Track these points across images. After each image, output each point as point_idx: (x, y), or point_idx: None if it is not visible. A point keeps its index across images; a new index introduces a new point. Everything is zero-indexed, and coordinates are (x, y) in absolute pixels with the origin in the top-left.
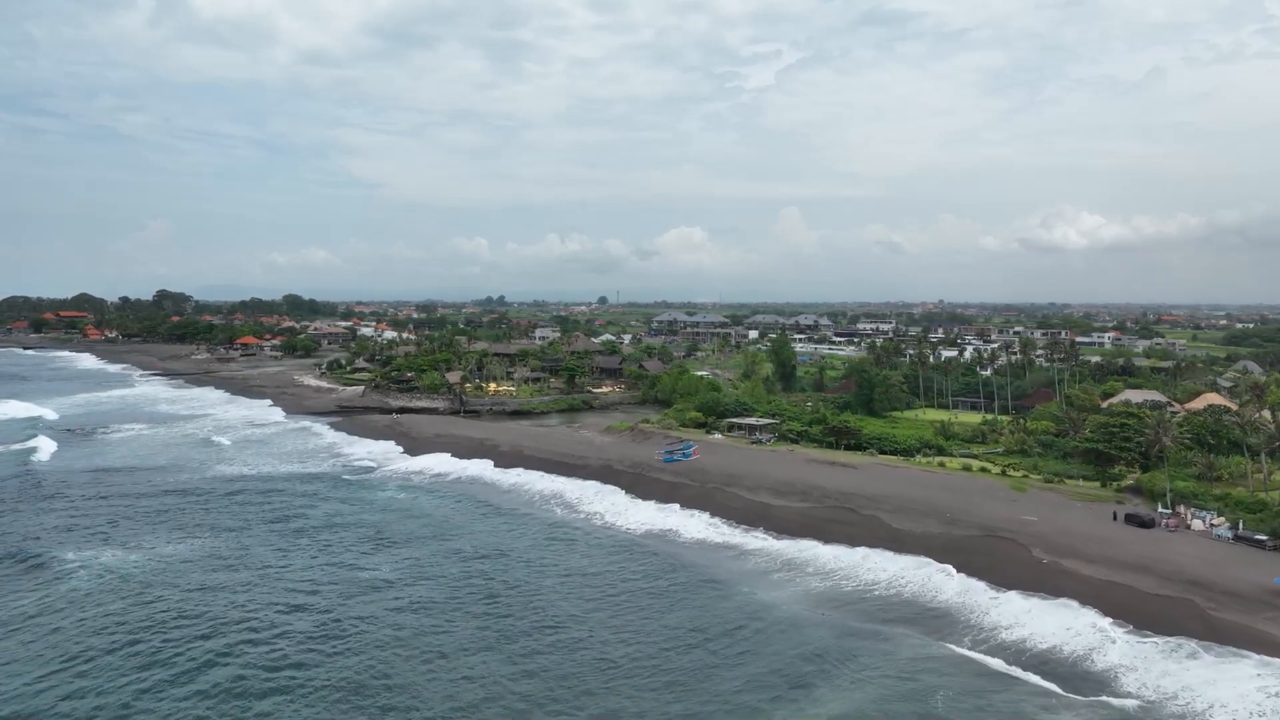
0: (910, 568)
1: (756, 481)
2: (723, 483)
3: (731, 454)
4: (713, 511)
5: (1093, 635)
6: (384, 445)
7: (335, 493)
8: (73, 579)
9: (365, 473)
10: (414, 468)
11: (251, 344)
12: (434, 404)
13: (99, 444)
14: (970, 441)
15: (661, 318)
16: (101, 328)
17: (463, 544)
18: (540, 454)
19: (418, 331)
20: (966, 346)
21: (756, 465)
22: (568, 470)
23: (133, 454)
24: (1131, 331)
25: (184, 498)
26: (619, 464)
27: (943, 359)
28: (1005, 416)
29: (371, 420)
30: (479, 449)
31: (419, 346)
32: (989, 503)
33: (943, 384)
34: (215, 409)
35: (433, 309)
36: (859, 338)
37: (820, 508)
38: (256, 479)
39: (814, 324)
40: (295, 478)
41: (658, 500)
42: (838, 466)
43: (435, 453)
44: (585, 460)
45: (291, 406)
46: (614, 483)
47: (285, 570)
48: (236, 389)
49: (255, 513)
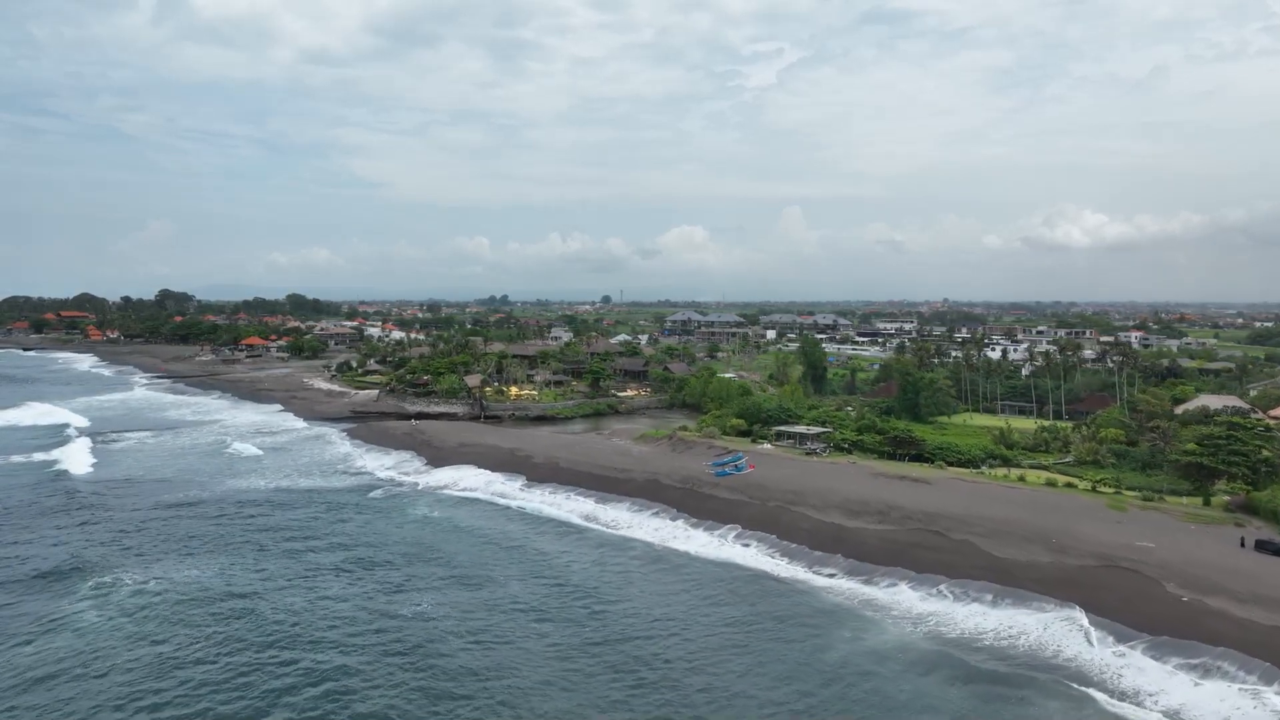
0: (1026, 607)
1: (823, 499)
2: (786, 500)
3: (787, 466)
4: (780, 534)
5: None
6: (406, 456)
7: (361, 512)
8: (70, 626)
9: (391, 489)
10: (441, 482)
11: (257, 345)
12: (453, 409)
13: (98, 454)
14: (1033, 450)
15: (675, 317)
16: (103, 328)
17: (509, 575)
18: (577, 467)
19: (425, 331)
20: (994, 346)
21: (818, 479)
22: (610, 486)
23: (137, 465)
24: (1154, 330)
25: (194, 517)
26: (666, 478)
27: (984, 360)
28: (1064, 422)
29: (389, 427)
30: (509, 461)
31: (433, 348)
32: (1089, 524)
33: (985, 387)
34: (223, 414)
35: (438, 308)
36: (882, 337)
37: (902, 530)
38: (273, 495)
39: (833, 323)
40: (316, 494)
41: (715, 521)
42: (908, 481)
43: (462, 465)
44: (628, 474)
45: (303, 411)
46: (663, 501)
47: (316, 609)
48: (244, 392)
49: (274, 536)
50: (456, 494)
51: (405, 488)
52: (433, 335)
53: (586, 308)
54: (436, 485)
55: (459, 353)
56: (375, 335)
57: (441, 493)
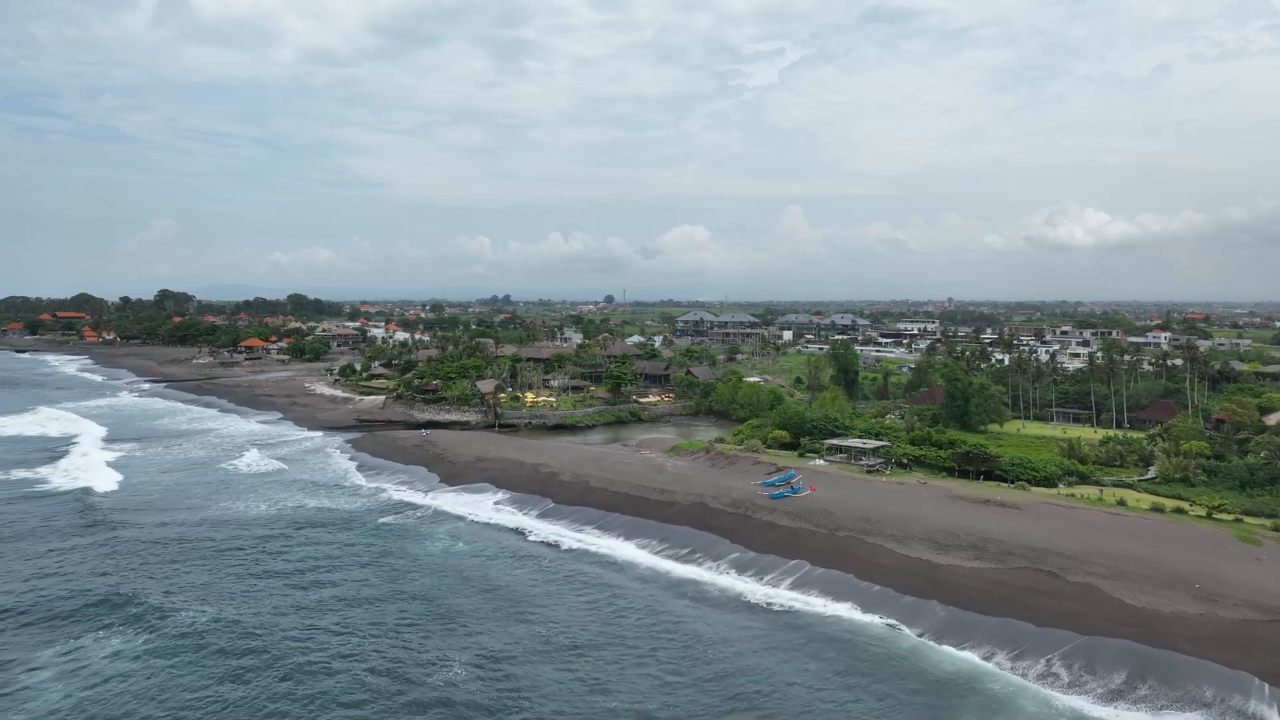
0: (1194, 682)
1: (903, 528)
2: (859, 530)
3: (848, 487)
4: (859, 573)
5: None
6: (418, 472)
7: (372, 542)
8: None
9: (403, 512)
10: (460, 506)
11: (257, 347)
12: (465, 417)
13: (70, 471)
14: (1107, 465)
15: (687, 318)
16: (99, 329)
17: (549, 627)
18: (612, 487)
19: (430, 332)
20: (1026, 348)
21: (890, 504)
22: (651, 511)
23: (118, 484)
24: (1179, 331)
25: (180, 548)
26: (714, 501)
27: (1034, 363)
28: (1134, 433)
29: (397, 438)
30: (533, 479)
31: (442, 350)
32: (1227, 562)
33: (1035, 392)
34: (218, 423)
35: (441, 308)
36: (906, 338)
37: (1005, 569)
38: (274, 521)
39: (851, 323)
40: (319, 519)
41: (778, 555)
42: (994, 506)
43: (480, 483)
44: (669, 496)
45: (305, 420)
46: (715, 529)
47: (327, 671)
48: (242, 399)
49: (273, 573)
50: (478, 520)
51: (420, 511)
52: (438, 336)
53: (590, 307)
54: (455, 509)
55: (469, 356)
56: (379, 336)
57: (461, 518)
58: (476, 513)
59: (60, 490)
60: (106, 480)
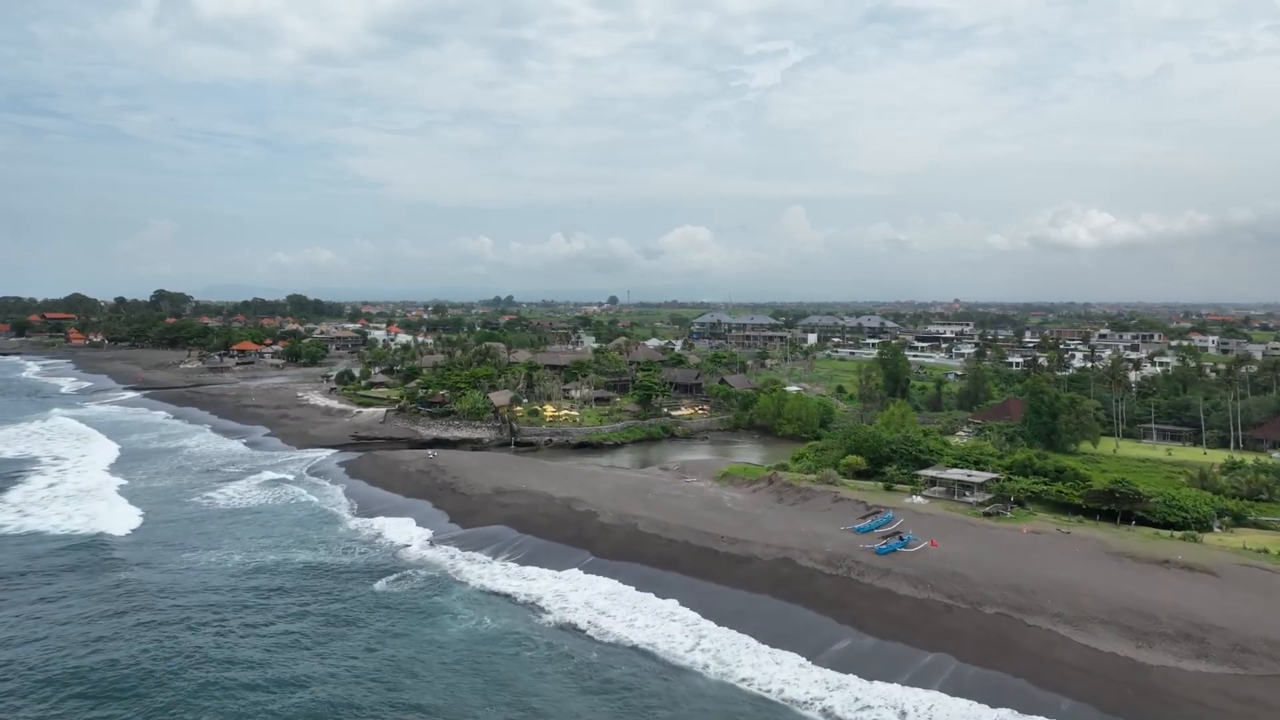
0: None
1: (1069, 603)
2: (1010, 604)
3: (967, 535)
4: (1033, 677)
5: None
6: (423, 510)
7: (366, 619)
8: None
9: (406, 572)
10: (476, 563)
11: (249, 350)
12: (476, 434)
13: None
14: (1252, 498)
15: (703, 319)
16: (86, 331)
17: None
18: (664, 532)
19: (433, 334)
20: (1073, 352)
21: (1034, 564)
22: (720, 569)
23: (47, 525)
24: (1217, 333)
25: (110, 625)
26: (802, 555)
27: (1125, 372)
28: (1256, 455)
29: (399, 460)
30: (566, 520)
31: (449, 356)
32: None
33: (1120, 406)
34: (194, 440)
35: (444, 310)
36: (945, 342)
37: (1252, 677)
38: (241, 582)
39: (880, 326)
40: (302, 580)
41: (908, 643)
42: (1176, 569)
43: (499, 526)
44: (743, 546)
45: (295, 436)
46: (811, 600)
47: None
48: (226, 410)
49: (235, 664)
50: (499, 588)
51: (427, 570)
52: (442, 339)
53: (594, 308)
54: (470, 566)
55: (480, 363)
56: (380, 339)
57: (482, 582)
58: (497, 572)
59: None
60: (19, 523)
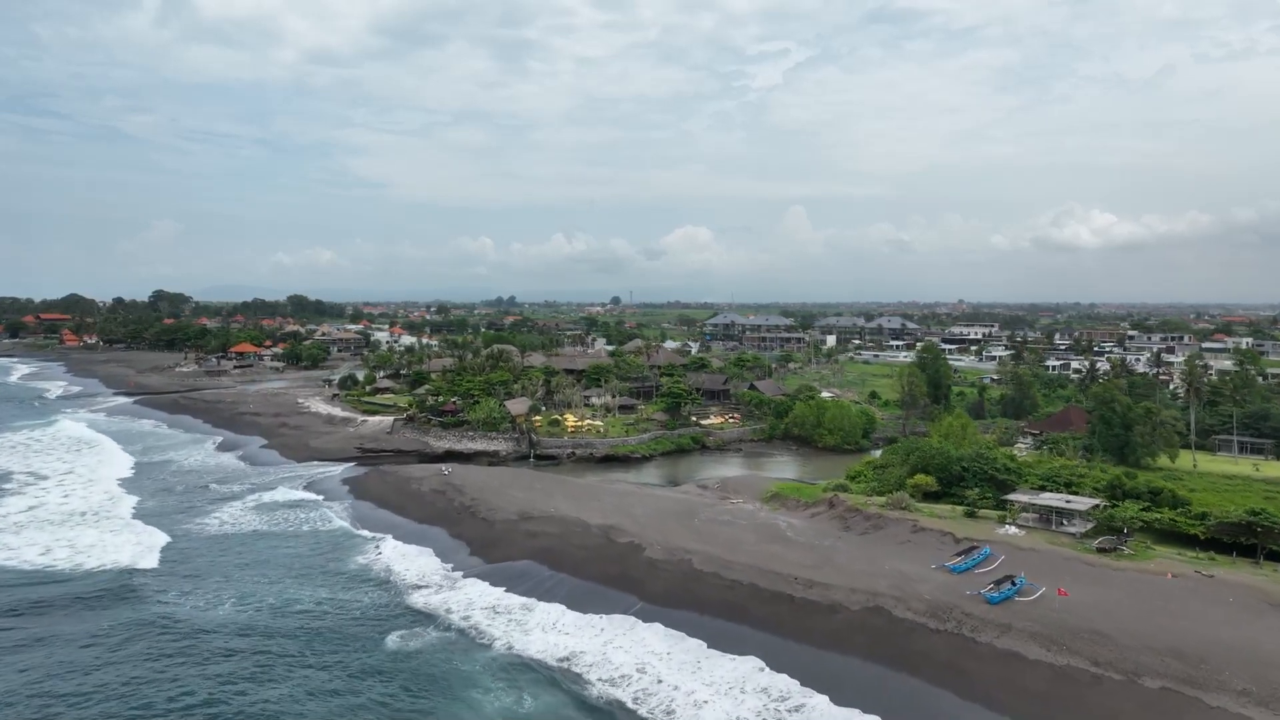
0: None
1: (1254, 675)
2: (1172, 675)
3: (1088, 579)
4: None
5: None
6: (439, 539)
7: (383, 685)
8: None
9: (424, 625)
10: (506, 613)
11: (248, 353)
12: (492, 446)
13: None
14: None
15: (715, 320)
16: (81, 333)
17: None
18: (725, 570)
19: (438, 336)
20: (1108, 355)
21: (1185, 618)
22: (800, 622)
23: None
24: (1240, 333)
25: (58, 685)
26: (897, 604)
27: (1206, 379)
28: None
29: (410, 477)
30: (607, 554)
31: (459, 360)
32: None
33: (1192, 417)
34: (184, 453)
35: (446, 310)
36: (975, 345)
37: None
38: (226, 635)
39: (901, 327)
40: (301, 633)
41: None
42: None
43: (528, 561)
44: (821, 590)
45: (295, 448)
46: (919, 666)
47: None
48: (222, 419)
49: None
50: (541, 648)
51: (448, 621)
52: (447, 340)
53: (597, 309)
54: (499, 618)
55: (494, 368)
56: (383, 340)
57: (513, 641)
58: (531, 625)
59: None
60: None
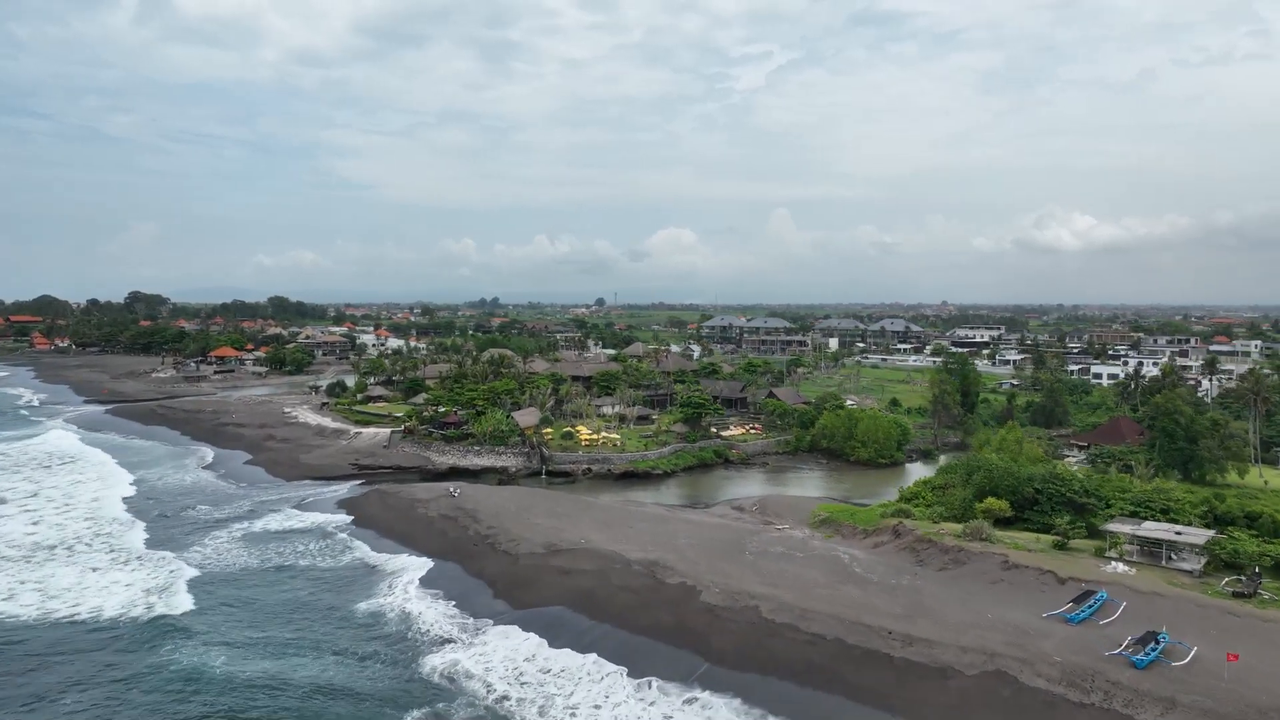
0: None
1: None
2: None
3: (1242, 633)
4: None
5: None
6: (457, 578)
7: None
8: None
9: (454, 701)
10: (543, 680)
11: (229, 357)
12: (501, 461)
13: None
14: None
15: (714, 322)
16: (52, 335)
17: None
18: (800, 621)
19: (424, 338)
20: (1123, 359)
21: None
22: (906, 693)
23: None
24: (1241, 335)
25: None
26: (1024, 669)
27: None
28: None
29: (416, 500)
30: (653, 598)
31: (458, 366)
32: None
33: (1253, 428)
34: (155, 471)
35: (431, 312)
36: (988, 349)
37: None
38: (228, 712)
39: (905, 330)
40: (300, 715)
41: None
42: None
43: (563, 608)
44: (924, 648)
45: (285, 465)
46: None
47: None
48: (202, 431)
49: None
50: None
51: (481, 697)
52: (434, 343)
53: (582, 310)
54: (541, 697)
55: (496, 375)
56: (369, 343)
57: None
58: (578, 702)
59: None
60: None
